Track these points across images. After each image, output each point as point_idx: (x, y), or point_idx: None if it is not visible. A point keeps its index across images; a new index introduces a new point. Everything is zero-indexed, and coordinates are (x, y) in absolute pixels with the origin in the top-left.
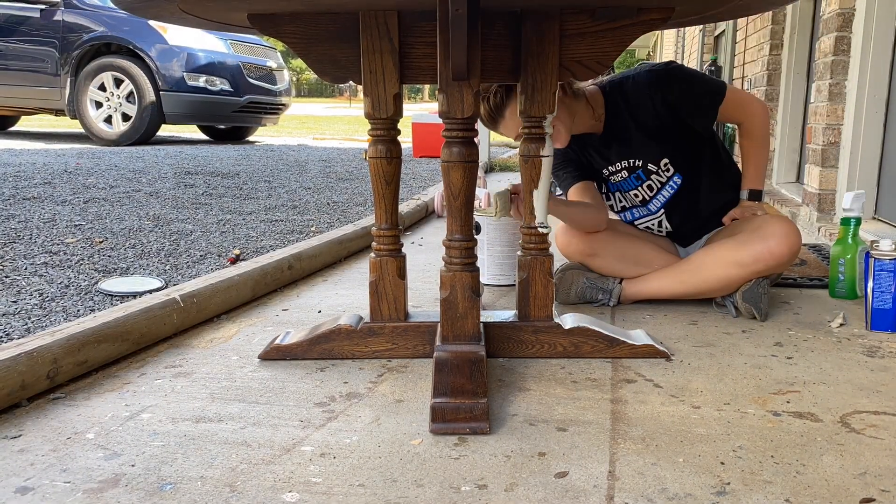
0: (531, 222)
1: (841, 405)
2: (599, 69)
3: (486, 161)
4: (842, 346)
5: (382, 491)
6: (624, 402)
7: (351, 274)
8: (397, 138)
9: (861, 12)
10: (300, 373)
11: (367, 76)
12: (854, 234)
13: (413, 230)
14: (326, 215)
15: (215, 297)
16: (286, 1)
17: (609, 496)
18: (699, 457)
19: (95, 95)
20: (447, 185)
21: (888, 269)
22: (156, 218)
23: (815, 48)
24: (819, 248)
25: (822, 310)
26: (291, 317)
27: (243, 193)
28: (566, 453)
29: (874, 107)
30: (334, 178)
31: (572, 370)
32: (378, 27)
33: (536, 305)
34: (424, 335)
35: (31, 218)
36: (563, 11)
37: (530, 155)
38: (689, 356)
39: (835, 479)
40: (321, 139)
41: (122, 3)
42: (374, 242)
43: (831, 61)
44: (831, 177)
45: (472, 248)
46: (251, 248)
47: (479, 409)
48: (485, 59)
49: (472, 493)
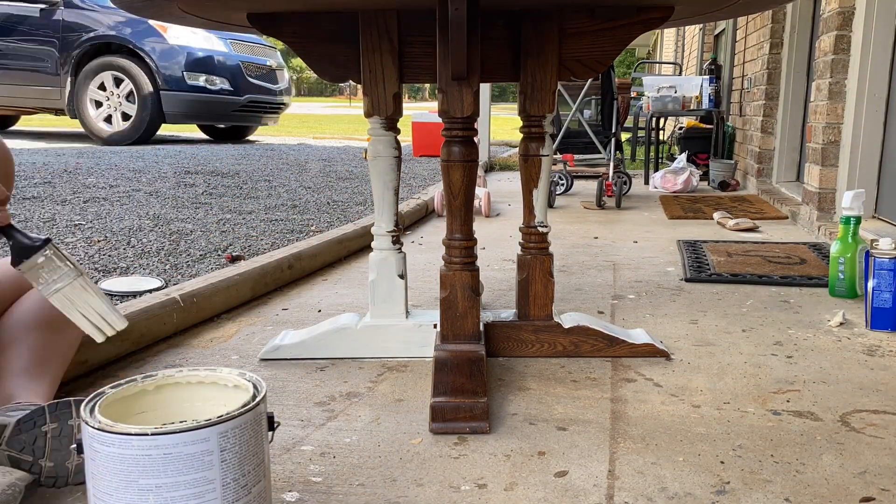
0: (531, 221)
1: (841, 404)
2: (599, 68)
3: (486, 160)
4: (842, 346)
5: (382, 490)
6: (624, 402)
7: (351, 273)
8: (397, 137)
9: (861, 11)
10: (300, 372)
11: (367, 75)
12: (854, 232)
13: (413, 229)
14: (326, 215)
15: (215, 296)
16: (286, 1)
17: (609, 495)
18: (699, 456)
19: (95, 95)
20: (447, 184)
21: (888, 267)
22: (156, 217)
23: (815, 47)
24: (819, 247)
25: (822, 309)
26: (291, 316)
27: (243, 193)
28: (566, 452)
29: (874, 105)
30: (334, 177)
31: (572, 369)
32: (378, 27)
33: (536, 305)
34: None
35: (31, 217)
36: (562, 11)
37: (530, 154)
38: (689, 355)
39: (835, 478)
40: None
41: (122, 3)
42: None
43: (831, 60)
44: (831, 175)
45: (472, 247)
46: (251, 248)
47: (479, 408)
48: (484, 59)
49: (471, 493)
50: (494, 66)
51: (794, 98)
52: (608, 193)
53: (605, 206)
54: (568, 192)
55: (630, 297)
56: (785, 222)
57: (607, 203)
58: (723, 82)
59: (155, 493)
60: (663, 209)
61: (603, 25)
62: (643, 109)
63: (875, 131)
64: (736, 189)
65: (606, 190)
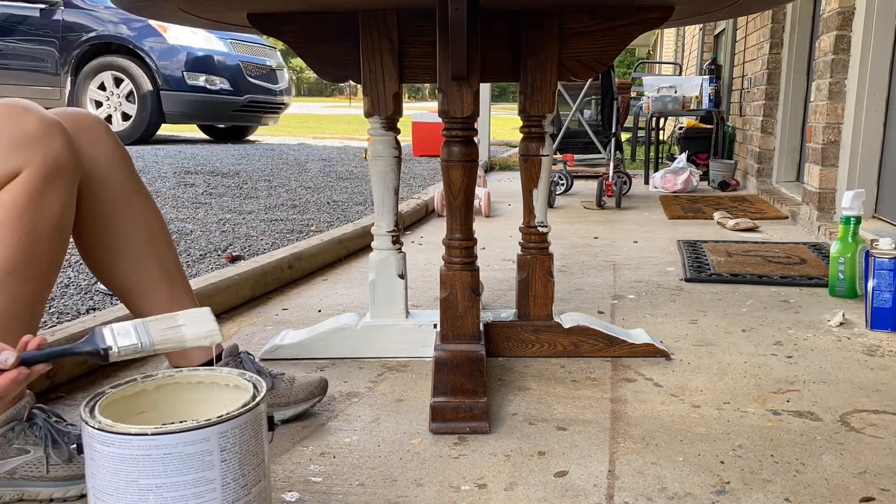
0: (531, 221)
1: (841, 404)
2: (599, 68)
3: (485, 160)
4: (841, 345)
5: (382, 490)
6: (624, 402)
7: (351, 273)
8: (397, 137)
9: (861, 11)
10: (300, 372)
11: (367, 75)
12: (854, 232)
13: (413, 229)
14: (326, 214)
15: (215, 296)
16: (286, 1)
17: (609, 495)
18: (699, 456)
19: (95, 95)
20: (447, 184)
21: (888, 267)
22: None
23: (815, 47)
24: (819, 247)
25: (822, 309)
26: (291, 316)
27: (243, 193)
28: (566, 452)
29: (874, 105)
30: (334, 177)
31: (572, 369)
32: (378, 27)
33: (536, 304)
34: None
35: None
36: (562, 11)
37: (530, 154)
38: (689, 355)
39: (834, 478)
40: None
41: (122, 3)
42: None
43: (831, 60)
44: (831, 175)
45: (472, 247)
46: (251, 248)
47: (479, 408)
48: (484, 59)
49: (471, 493)
50: (494, 66)
51: (794, 98)
52: (608, 193)
53: (605, 206)
54: (568, 192)
55: (630, 297)
56: (785, 222)
57: (607, 203)
58: (723, 82)
59: (155, 493)
60: (663, 209)
61: (603, 25)
62: (643, 109)
63: (875, 131)
64: (736, 189)
65: (606, 190)
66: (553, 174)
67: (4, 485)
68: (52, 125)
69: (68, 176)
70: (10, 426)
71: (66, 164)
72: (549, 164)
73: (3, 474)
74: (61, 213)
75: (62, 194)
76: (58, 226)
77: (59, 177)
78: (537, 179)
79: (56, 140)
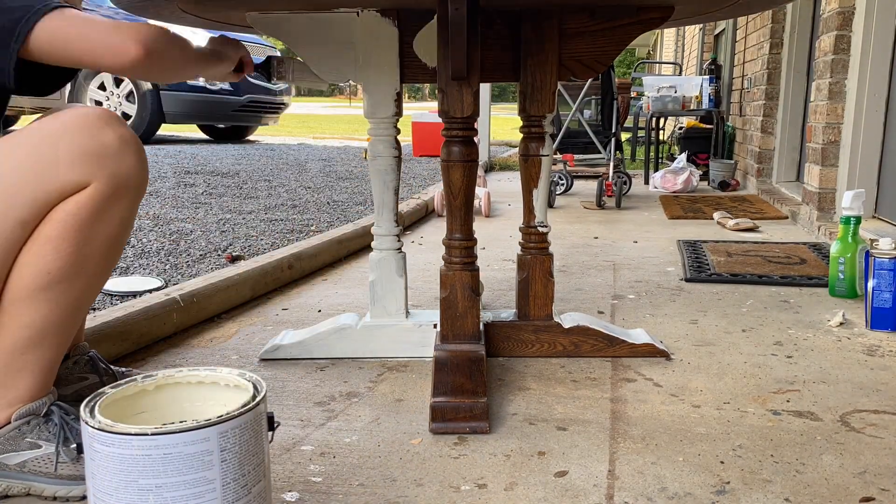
0: (531, 221)
1: (841, 404)
2: (599, 68)
3: (485, 160)
4: (841, 345)
5: (382, 490)
6: (624, 402)
7: (351, 273)
8: (397, 137)
9: (861, 11)
10: (300, 372)
11: (367, 75)
12: (854, 232)
13: (413, 229)
14: (326, 214)
15: (215, 296)
16: (286, 1)
17: (609, 495)
18: (699, 456)
19: (95, 95)
20: (447, 184)
21: (888, 267)
22: (156, 217)
23: (814, 47)
24: (819, 247)
25: (822, 309)
26: (291, 316)
27: (243, 193)
28: (566, 452)
29: (874, 105)
30: (334, 177)
31: (572, 369)
32: (378, 26)
33: (536, 304)
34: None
35: None
36: (562, 11)
37: (530, 154)
38: (689, 355)
39: (834, 478)
40: (321, 138)
41: (122, 3)
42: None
43: (831, 60)
44: (831, 175)
45: (472, 247)
46: (251, 248)
47: (479, 408)
48: (484, 59)
49: (471, 493)
50: (494, 66)
51: (794, 98)
52: (608, 193)
53: (605, 206)
54: (568, 192)
55: (630, 297)
56: (785, 222)
57: (607, 203)
58: (723, 82)
59: (155, 493)
60: (663, 209)
61: (603, 25)
62: (643, 109)
63: (875, 131)
64: (736, 189)
65: (606, 190)
66: (553, 174)
67: (14, 476)
68: (128, 141)
69: (133, 193)
70: (26, 420)
71: (135, 182)
72: (549, 164)
73: (13, 466)
74: (119, 230)
75: (124, 211)
76: (114, 241)
77: (125, 195)
78: (537, 179)
79: (130, 157)
